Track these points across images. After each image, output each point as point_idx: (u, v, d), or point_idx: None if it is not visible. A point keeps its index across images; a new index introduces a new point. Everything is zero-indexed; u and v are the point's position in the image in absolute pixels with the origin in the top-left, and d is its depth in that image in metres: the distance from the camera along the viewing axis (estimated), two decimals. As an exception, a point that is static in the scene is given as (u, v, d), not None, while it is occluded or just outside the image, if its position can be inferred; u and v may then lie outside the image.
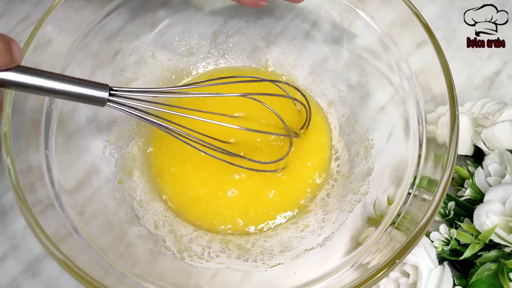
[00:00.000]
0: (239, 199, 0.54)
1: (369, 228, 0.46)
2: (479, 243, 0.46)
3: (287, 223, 0.54)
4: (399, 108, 0.50)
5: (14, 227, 0.53)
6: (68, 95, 0.37)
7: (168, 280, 0.43)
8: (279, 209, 0.54)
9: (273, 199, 0.54)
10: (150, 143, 0.57)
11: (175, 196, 0.54)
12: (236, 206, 0.54)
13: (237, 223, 0.53)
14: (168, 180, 0.55)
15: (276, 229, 0.53)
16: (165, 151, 0.56)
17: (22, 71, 0.35)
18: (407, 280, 0.47)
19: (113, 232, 0.47)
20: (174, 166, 0.55)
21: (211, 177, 0.54)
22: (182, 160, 0.55)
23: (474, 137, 0.53)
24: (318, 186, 0.55)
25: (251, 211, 0.54)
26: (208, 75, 0.61)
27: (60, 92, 0.37)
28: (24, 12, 0.65)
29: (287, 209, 0.54)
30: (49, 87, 0.36)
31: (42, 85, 0.36)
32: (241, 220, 0.53)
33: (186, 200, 0.54)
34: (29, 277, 0.51)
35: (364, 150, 0.53)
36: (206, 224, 0.53)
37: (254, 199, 0.54)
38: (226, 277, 0.46)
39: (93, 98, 0.38)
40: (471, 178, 0.51)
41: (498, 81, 0.63)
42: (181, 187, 0.54)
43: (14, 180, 0.39)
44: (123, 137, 0.55)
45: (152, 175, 0.55)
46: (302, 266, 0.46)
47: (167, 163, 0.55)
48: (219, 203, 0.54)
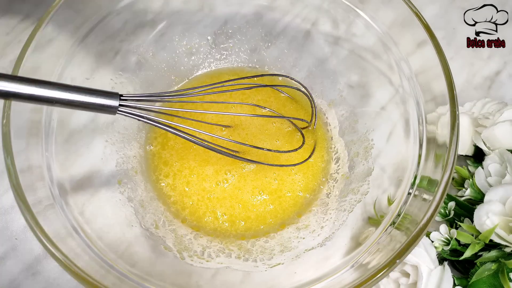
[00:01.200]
0: (239, 200, 0.54)
1: (369, 228, 0.46)
2: (479, 243, 0.46)
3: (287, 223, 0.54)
4: (399, 108, 0.50)
5: (14, 227, 0.53)
6: (80, 106, 0.37)
7: (168, 280, 0.43)
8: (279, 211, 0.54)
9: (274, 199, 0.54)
10: (150, 142, 0.57)
11: (176, 196, 0.54)
12: (236, 206, 0.54)
13: (238, 224, 0.53)
14: (168, 180, 0.55)
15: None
16: (166, 151, 0.56)
17: (32, 83, 0.35)
18: (407, 280, 0.47)
19: (113, 232, 0.47)
20: (176, 165, 0.55)
21: (212, 176, 0.54)
22: (183, 159, 0.55)
23: (475, 137, 0.53)
24: (318, 187, 0.55)
25: (252, 214, 0.54)
26: (209, 75, 0.62)
27: (72, 103, 0.37)
28: (24, 12, 0.65)
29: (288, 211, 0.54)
30: (61, 98, 0.36)
31: (54, 97, 0.36)
32: (242, 221, 0.53)
33: (186, 201, 0.54)
34: (29, 277, 0.51)
35: (364, 150, 0.53)
36: (204, 225, 0.53)
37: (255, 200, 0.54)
38: (226, 277, 0.46)
39: (104, 107, 0.38)
40: (472, 178, 0.51)
41: (498, 81, 0.63)
42: (182, 186, 0.54)
43: (14, 180, 0.39)
44: (123, 137, 0.55)
45: (152, 175, 0.55)
46: (302, 266, 0.46)
47: (168, 162, 0.55)
48: (219, 204, 0.54)
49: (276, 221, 0.53)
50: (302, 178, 0.55)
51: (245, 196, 0.54)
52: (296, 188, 0.55)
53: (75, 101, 0.37)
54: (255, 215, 0.53)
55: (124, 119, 0.55)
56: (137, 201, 0.52)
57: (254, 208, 0.54)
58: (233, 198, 0.54)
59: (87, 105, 0.38)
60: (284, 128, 0.58)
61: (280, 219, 0.54)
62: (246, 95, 0.60)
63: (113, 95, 0.39)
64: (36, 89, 0.35)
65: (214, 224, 0.53)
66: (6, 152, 0.40)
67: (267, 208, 0.54)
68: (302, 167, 0.56)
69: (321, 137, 0.58)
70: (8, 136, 0.40)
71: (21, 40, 0.63)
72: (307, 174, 0.56)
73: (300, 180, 0.55)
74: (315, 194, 0.55)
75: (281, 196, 0.54)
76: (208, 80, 0.61)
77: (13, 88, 0.34)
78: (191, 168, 0.55)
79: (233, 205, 0.54)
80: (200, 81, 0.61)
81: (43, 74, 0.45)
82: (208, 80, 0.61)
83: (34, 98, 0.35)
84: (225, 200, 0.54)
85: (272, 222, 0.53)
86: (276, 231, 0.53)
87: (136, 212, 0.50)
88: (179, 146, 0.56)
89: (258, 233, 0.53)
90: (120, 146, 0.54)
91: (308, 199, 0.55)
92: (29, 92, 0.35)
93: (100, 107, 0.38)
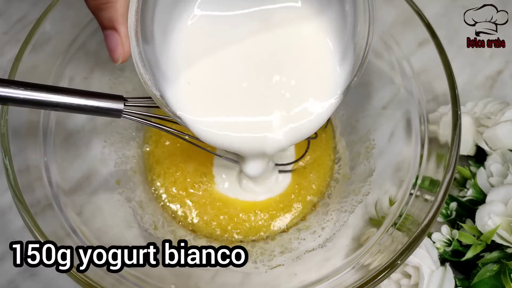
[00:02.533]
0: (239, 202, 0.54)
1: (371, 229, 0.46)
2: (481, 244, 0.46)
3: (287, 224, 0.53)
4: (401, 107, 0.49)
5: (12, 227, 0.53)
6: (84, 110, 0.37)
7: (167, 281, 0.43)
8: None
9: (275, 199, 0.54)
10: (149, 143, 0.56)
11: (174, 197, 0.54)
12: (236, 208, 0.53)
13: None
14: (166, 181, 0.54)
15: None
16: (164, 151, 0.56)
17: (35, 87, 0.35)
18: (408, 281, 0.46)
19: (112, 233, 0.47)
20: (173, 167, 0.55)
21: (210, 177, 0.54)
22: (181, 161, 0.55)
23: (476, 137, 0.52)
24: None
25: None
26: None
27: (76, 107, 0.36)
28: (23, 11, 0.65)
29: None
30: (65, 102, 0.36)
31: (59, 101, 0.35)
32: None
33: (185, 202, 0.54)
34: (27, 278, 0.51)
35: (365, 150, 0.53)
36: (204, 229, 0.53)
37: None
38: (225, 278, 0.46)
39: (109, 111, 0.38)
40: (473, 179, 0.50)
41: (500, 80, 0.62)
42: (179, 187, 0.54)
43: (12, 180, 0.39)
44: (122, 137, 0.55)
45: (151, 176, 0.55)
46: (303, 268, 0.46)
47: (166, 163, 0.55)
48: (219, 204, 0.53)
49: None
50: (316, 178, 0.55)
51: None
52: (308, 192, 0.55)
53: (80, 105, 0.36)
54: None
55: (123, 120, 0.54)
56: (136, 201, 0.52)
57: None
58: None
59: (92, 108, 0.37)
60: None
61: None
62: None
63: (117, 98, 0.38)
64: (35, 93, 0.35)
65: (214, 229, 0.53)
66: (4, 152, 0.40)
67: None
68: (314, 167, 0.55)
69: (327, 135, 0.57)
70: (6, 136, 0.40)
71: (19, 39, 0.62)
72: (319, 173, 0.55)
73: (314, 179, 0.55)
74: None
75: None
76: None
77: (19, 94, 0.34)
78: (191, 169, 0.55)
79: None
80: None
81: (41, 73, 0.45)
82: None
83: (38, 103, 0.35)
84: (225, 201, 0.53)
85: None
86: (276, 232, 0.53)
87: (135, 212, 0.50)
88: (178, 147, 0.56)
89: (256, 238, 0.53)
90: (119, 147, 0.54)
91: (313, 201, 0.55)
92: (27, 96, 0.34)
93: (104, 111, 0.38)
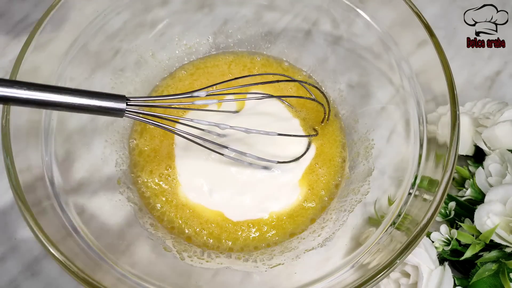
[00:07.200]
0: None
1: (370, 228, 0.46)
2: (480, 244, 0.46)
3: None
4: (400, 108, 0.49)
5: (13, 227, 0.53)
6: (87, 110, 0.37)
7: (168, 280, 0.43)
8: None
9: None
10: (149, 143, 0.56)
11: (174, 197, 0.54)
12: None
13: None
14: (166, 181, 0.54)
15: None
16: (165, 151, 0.56)
17: (37, 87, 0.35)
18: (407, 280, 0.47)
19: (113, 233, 0.47)
20: (173, 166, 0.55)
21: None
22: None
23: (475, 137, 0.53)
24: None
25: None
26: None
27: (79, 107, 0.37)
28: (24, 11, 0.65)
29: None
30: (68, 102, 0.36)
31: (61, 101, 0.36)
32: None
33: (184, 201, 0.54)
34: (28, 277, 0.51)
35: (364, 150, 0.53)
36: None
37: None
38: (226, 277, 0.46)
39: (112, 110, 0.38)
40: (472, 178, 0.51)
41: (499, 81, 0.63)
42: (179, 187, 0.54)
43: (14, 180, 0.39)
44: (123, 137, 0.55)
45: (151, 175, 0.55)
46: (303, 267, 0.46)
47: (166, 163, 0.55)
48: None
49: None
50: (325, 172, 0.55)
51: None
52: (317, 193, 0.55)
53: (82, 105, 0.37)
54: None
55: (124, 119, 0.55)
56: (137, 201, 0.52)
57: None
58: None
59: (94, 108, 0.37)
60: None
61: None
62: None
63: (119, 97, 0.39)
64: (39, 93, 0.35)
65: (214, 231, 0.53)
66: (5, 152, 0.40)
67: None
68: (324, 163, 0.55)
69: (334, 131, 0.57)
70: (8, 136, 0.40)
71: (20, 39, 0.63)
72: (329, 171, 0.55)
73: (323, 176, 0.55)
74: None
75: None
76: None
77: (21, 94, 0.34)
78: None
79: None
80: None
81: (43, 73, 0.45)
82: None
83: (40, 103, 0.35)
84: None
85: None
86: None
87: (136, 212, 0.50)
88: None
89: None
90: (120, 146, 0.54)
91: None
92: (31, 97, 0.35)
93: (106, 110, 0.38)
